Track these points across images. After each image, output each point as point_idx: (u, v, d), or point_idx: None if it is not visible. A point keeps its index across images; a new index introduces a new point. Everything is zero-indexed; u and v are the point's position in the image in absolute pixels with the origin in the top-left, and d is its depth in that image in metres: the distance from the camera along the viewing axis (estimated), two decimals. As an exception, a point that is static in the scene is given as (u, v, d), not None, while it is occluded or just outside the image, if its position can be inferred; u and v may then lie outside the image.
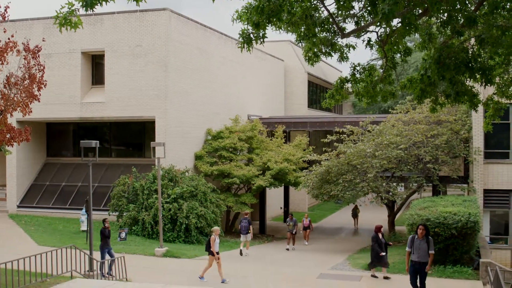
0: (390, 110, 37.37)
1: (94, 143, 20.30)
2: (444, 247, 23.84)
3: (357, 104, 67.57)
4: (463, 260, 24.36)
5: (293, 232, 31.89)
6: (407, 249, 16.33)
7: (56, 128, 38.25)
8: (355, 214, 44.25)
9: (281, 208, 46.29)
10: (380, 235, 22.80)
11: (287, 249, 31.65)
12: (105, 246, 21.25)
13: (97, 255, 21.44)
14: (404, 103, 34.94)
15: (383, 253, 22.45)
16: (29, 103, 22.17)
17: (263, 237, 37.24)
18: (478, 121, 29.69)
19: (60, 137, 38.49)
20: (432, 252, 16.07)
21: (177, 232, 29.71)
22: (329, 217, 50.11)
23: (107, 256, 21.26)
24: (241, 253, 28.71)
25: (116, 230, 29.85)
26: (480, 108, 20.57)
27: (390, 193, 32.18)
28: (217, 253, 21.02)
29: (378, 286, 21.26)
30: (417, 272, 16.12)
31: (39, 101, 23.26)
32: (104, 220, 22.01)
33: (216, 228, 21.72)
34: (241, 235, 29.46)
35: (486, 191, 30.24)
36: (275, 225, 42.69)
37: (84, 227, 29.53)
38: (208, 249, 21.27)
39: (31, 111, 22.54)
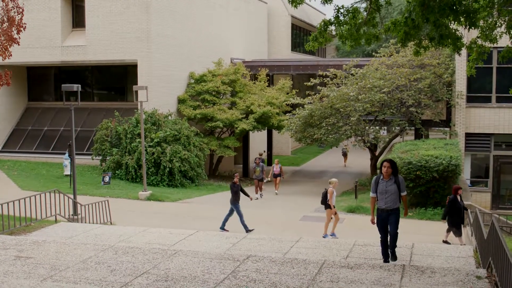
0: (373, 53, 37.22)
1: (76, 87, 20.10)
2: (425, 190, 24.22)
3: (340, 48, 67.17)
4: (444, 203, 24.75)
5: (262, 179, 30.34)
6: (371, 194, 12.80)
7: (37, 72, 37.77)
8: (344, 153, 45.90)
9: (264, 151, 46.47)
10: (459, 198, 18.70)
11: (256, 198, 28.55)
12: (236, 201, 20.64)
13: (93, 200, 21.54)
14: (388, 46, 34.77)
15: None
16: (8, 46, 21.90)
17: (246, 180, 37.45)
18: (461, 64, 29.72)
19: (41, 82, 38.05)
20: (404, 193, 12.54)
21: (161, 175, 29.81)
22: (312, 160, 50.43)
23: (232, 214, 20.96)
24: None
25: (99, 174, 29.95)
26: (464, 51, 20.52)
27: (373, 137, 32.36)
28: (334, 206, 19.57)
29: (360, 228, 21.49)
30: (387, 222, 12.46)
31: (18, 45, 22.95)
32: (234, 175, 21.72)
33: (335, 180, 20.28)
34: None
35: (467, 135, 30.53)
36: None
37: (67, 171, 29.51)
38: (325, 202, 19.58)
39: (11, 55, 22.27)
